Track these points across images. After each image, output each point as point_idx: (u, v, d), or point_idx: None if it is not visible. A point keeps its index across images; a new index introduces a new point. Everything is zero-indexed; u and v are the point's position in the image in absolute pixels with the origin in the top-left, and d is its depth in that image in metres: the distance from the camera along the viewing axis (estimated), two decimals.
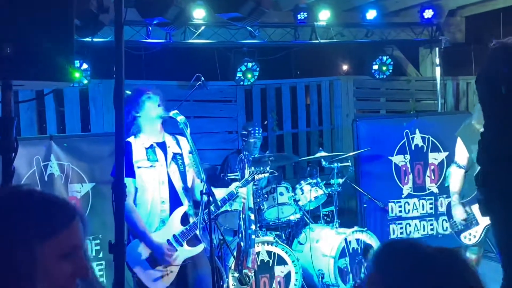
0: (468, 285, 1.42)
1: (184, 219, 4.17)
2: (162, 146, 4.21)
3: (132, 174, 4.07)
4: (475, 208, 4.75)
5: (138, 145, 4.15)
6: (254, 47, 7.55)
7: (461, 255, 1.49)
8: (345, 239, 5.56)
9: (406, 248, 1.49)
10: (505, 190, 3.22)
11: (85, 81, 6.64)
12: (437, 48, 8.20)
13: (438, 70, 8.24)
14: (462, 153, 4.91)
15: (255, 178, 4.56)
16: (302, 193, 5.87)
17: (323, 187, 5.93)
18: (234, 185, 4.36)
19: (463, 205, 4.87)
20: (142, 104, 4.16)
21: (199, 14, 6.63)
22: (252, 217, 4.81)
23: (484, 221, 4.70)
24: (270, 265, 5.37)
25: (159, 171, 4.13)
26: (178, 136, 4.31)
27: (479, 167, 3.56)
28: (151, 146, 4.16)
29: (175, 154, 4.21)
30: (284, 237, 6.00)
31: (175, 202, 4.15)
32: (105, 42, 6.26)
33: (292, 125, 8.41)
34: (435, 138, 6.81)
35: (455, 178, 4.94)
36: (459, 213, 4.83)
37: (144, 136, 4.18)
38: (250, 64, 7.44)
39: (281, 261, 5.40)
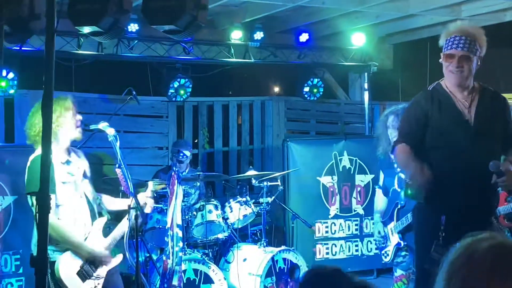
0: None
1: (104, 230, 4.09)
2: (74, 160, 4.10)
3: (53, 190, 3.92)
4: (389, 228, 4.91)
5: (56, 159, 3.95)
6: (188, 63, 7.54)
7: None
8: (272, 258, 5.59)
9: (330, 279, 1.54)
10: None
11: (11, 91, 6.42)
12: (366, 73, 8.44)
13: (366, 95, 8.48)
14: (381, 174, 5.11)
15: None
16: (231, 211, 5.87)
17: (252, 205, 5.95)
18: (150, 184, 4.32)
19: (384, 224, 5.02)
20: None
21: (132, 28, 6.58)
22: (180, 234, 4.77)
23: (393, 240, 4.85)
24: (197, 283, 5.33)
25: (77, 186, 4.01)
26: (75, 149, 4.15)
27: None
28: (68, 162, 4.02)
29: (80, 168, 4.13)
30: (211, 255, 5.96)
31: (93, 215, 4.06)
32: (34, 52, 6.09)
33: (223, 143, 8.42)
34: (362, 160, 6.97)
35: (377, 198, 5.14)
36: (377, 231, 4.99)
37: (59, 148, 3.99)
38: (183, 81, 7.41)
39: (208, 280, 5.36)
